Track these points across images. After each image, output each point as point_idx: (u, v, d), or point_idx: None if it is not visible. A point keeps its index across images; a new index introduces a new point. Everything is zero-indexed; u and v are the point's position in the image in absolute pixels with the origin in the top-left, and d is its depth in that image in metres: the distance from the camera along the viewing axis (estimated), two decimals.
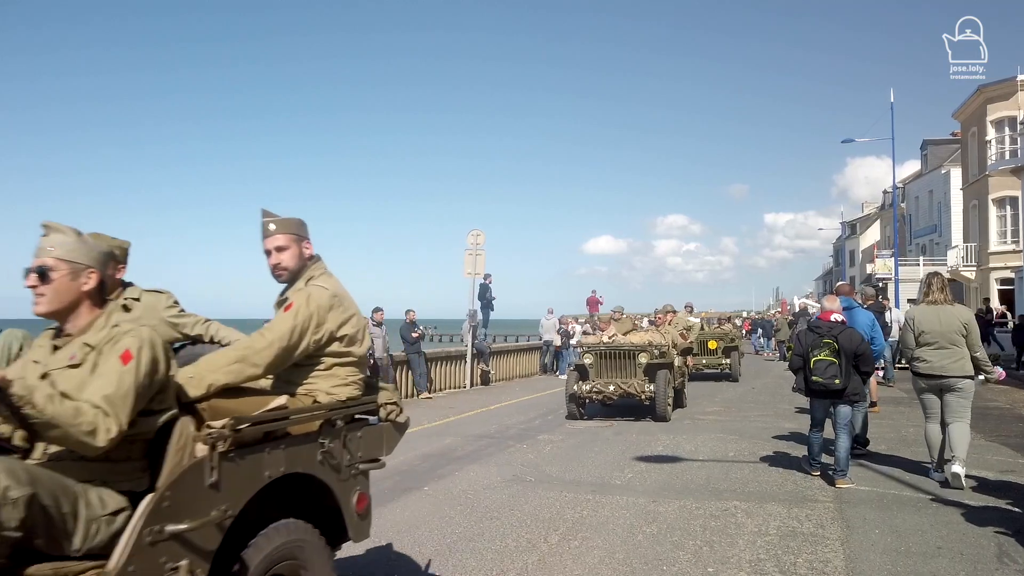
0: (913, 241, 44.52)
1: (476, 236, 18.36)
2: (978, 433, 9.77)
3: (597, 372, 11.46)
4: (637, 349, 11.40)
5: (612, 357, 11.47)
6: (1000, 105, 30.42)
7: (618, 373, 11.37)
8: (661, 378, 11.08)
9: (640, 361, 11.24)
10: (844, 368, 6.76)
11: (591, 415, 12.00)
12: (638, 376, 11.24)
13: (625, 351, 11.43)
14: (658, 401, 10.98)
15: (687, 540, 5.24)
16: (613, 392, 11.20)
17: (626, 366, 11.37)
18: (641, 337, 11.87)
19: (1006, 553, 4.85)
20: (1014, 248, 29.51)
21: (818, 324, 7.11)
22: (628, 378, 11.26)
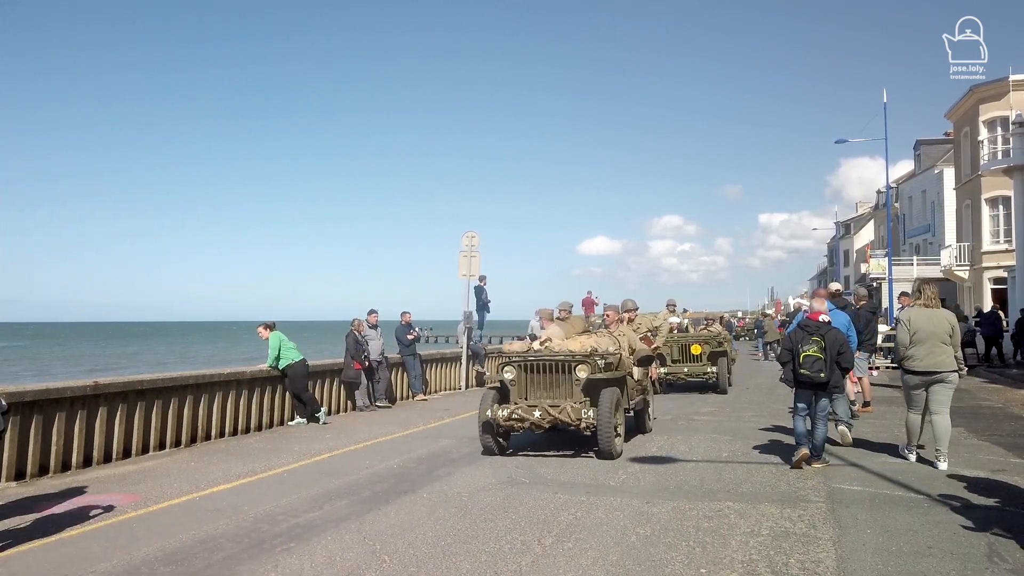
0: (907, 241, 44.66)
1: (471, 238, 18.38)
2: (970, 432, 9.85)
3: (521, 391, 8.68)
4: (573, 360, 8.52)
5: (540, 371, 8.66)
6: (992, 105, 30.53)
7: (549, 392, 8.62)
8: (606, 399, 8.25)
9: (578, 376, 8.43)
10: (829, 363, 7.59)
11: (519, 447, 9.21)
12: (575, 396, 8.46)
13: (557, 363, 8.59)
14: (601, 431, 8.14)
15: (680, 541, 5.26)
16: (540, 419, 8.40)
17: (560, 383, 8.58)
18: (582, 343, 8.94)
19: (996, 552, 4.88)
20: (1007, 248, 29.60)
21: (807, 323, 7.85)
22: (562, 399, 8.51)
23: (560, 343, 8.95)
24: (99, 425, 8.88)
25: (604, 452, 8.24)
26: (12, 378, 34.98)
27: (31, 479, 7.93)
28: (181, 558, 5.14)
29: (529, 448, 9.17)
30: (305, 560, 5.02)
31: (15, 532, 5.89)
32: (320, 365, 13.62)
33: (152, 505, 6.75)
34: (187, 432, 10.22)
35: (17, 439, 7.86)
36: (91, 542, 5.61)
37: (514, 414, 8.50)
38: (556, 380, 8.63)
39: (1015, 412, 12.01)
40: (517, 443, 9.36)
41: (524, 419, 8.45)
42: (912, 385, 7.73)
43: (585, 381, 8.46)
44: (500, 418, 8.51)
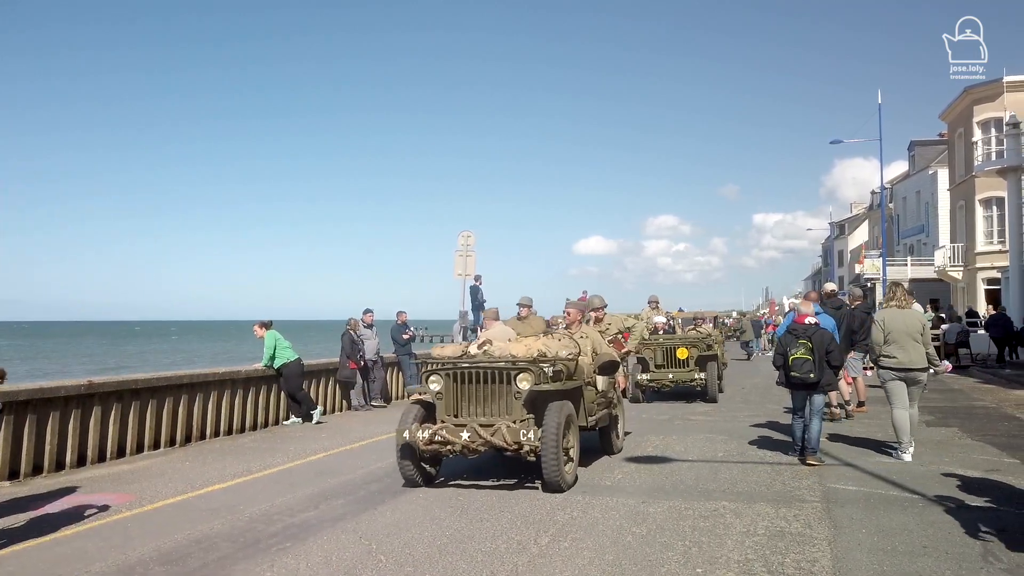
0: (901, 241, 44.83)
1: (467, 237, 18.41)
2: (964, 432, 9.89)
3: (449, 406, 7.00)
4: (513, 368, 6.90)
5: (473, 381, 6.96)
6: (986, 106, 30.69)
7: (484, 408, 6.96)
8: (554, 417, 6.66)
9: (518, 387, 6.80)
10: (818, 363, 7.85)
11: (455, 472, 7.66)
12: (514, 412, 6.82)
13: (494, 371, 6.92)
14: (546, 457, 6.54)
15: (676, 541, 5.27)
16: (469, 442, 6.72)
17: (498, 396, 6.91)
18: (528, 346, 7.25)
19: (991, 552, 4.90)
20: (1000, 248, 29.73)
21: (795, 327, 8.12)
22: (498, 415, 6.86)
23: (502, 346, 7.33)
24: (93, 424, 8.85)
25: (550, 483, 6.63)
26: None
27: (25, 479, 7.90)
28: (176, 558, 5.13)
29: (466, 474, 7.61)
30: (301, 560, 5.01)
31: (9, 532, 5.87)
32: (316, 364, 13.60)
33: (147, 505, 6.73)
34: (182, 431, 10.20)
35: (11, 438, 7.83)
36: (86, 542, 5.59)
37: (436, 436, 6.73)
38: (493, 392, 6.89)
39: (1009, 412, 12.06)
40: (454, 469, 7.79)
41: (449, 442, 6.73)
42: (889, 379, 8.16)
43: (528, 394, 6.76)
44: (419, 441, 6.78)
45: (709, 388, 13.73)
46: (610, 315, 10.04)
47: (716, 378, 13.95)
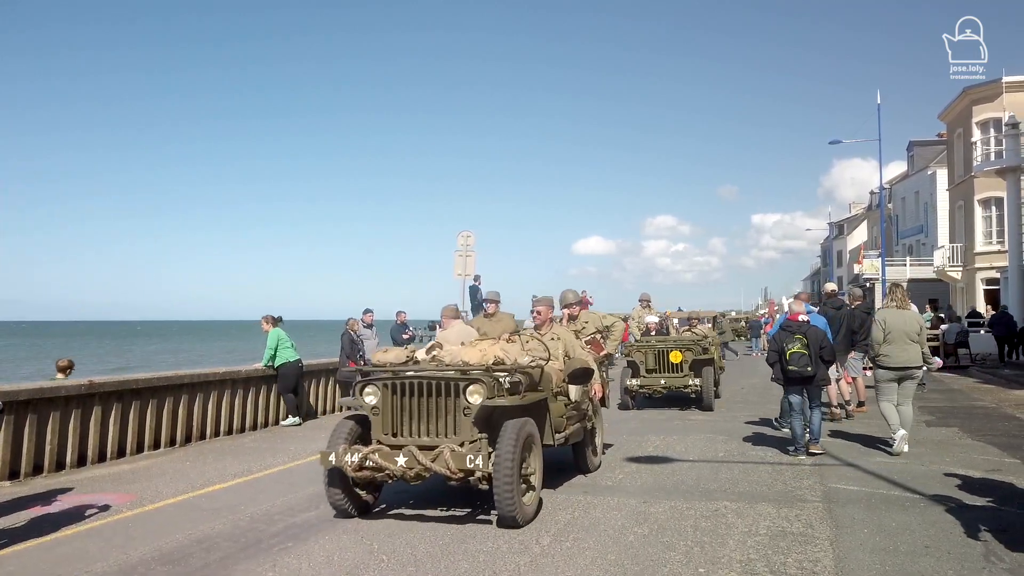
0: (900, 241, 44.85)
1: (466, 237, 18.41)
2: (965, 432, 9.89)
3: (387, 423, 5.87)
4: (462, 378, 5.80)
5: (416, 393, 5.84)
6: (985, 107, 30.69)
7: (427, 425, 5.85)
8: (510, 437, 5.55)
9: (468, 401, 5.70)
10: (813, 358, 8.18)
11: (395, 501, 6.52)
12: (463, 431, 5.72)
13: (440, 382, 5.81)
14: (499, 486, 5.40)
15: (678, 540, 5.27)
16: (407, 468, 5.59)
17: (445, 412, 5.80)
18: (483, 351, 6.11)
19: (992, 552, 4.90)
20: (999, 248, 29.74)
21: (789, 324, 8.50)
22: (444, 435, 5.77)
23: (455, 351, 6.21)
24: (94, 424, 8.84)
25: (504, 518, 5.54)
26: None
27: (25, 478, 7.89)
28: (178, 558, 5.12)
29: (412, 501, 6.50)
30: (303, 560, 5.01)
31: (10, 532, 5.86)
32: (316, 365, 13.61)
33: (148, 505, 6.73)
34: (182, 431, 10.19)
35: (11, 438, 7.82)
36: (87, 542, 5.59)
37: (368, 461, 5.63)
38: (439, 407, 5.78)
39: (1009, 412, 12.06)
40: (396, 496, 6.59)
41: (382, 468, 5.64)
42: (886, 379, 8.47)
43: (479, 409, 5.65)
44: (348, 466, 5.65)
45: (704, 395, 12.49)
46: (587, 312, 8.77)
47: (712, 384, 12.91)
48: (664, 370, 12.85)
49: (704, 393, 12.48)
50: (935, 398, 14.09)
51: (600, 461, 7.92)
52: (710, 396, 12.59)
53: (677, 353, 12.77)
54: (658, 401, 13.55)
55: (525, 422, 5.83)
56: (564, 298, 8.76)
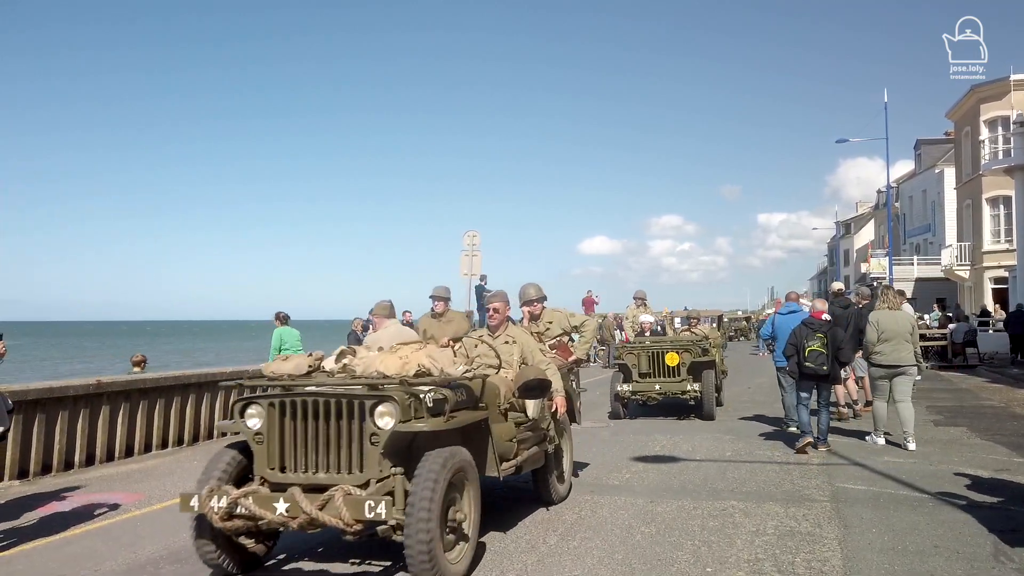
0: (907, 240, 44.66)
1: (472, 237, 18.41)
2: (973, 432, 9.85)
3: (275, 454, 4.58)
4: (368, 395, 4.52)
5: (310, 415, 4.57)
6: (993, 105, 30.53)
7: (325, 457, 4.54)
8: (427, 472, 4.30)
9: (378, 426, 4.42)
10: (830, 357, 8.34)
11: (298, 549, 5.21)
12: (371, 465, 4.43)
13: (341, 401, 4.53)
14: (411, 540, 4.15)
15: (685, 540, 5.26)
16: (289, 516, 4.27)
17: (346, 439, 4.51)
18: (405, 359, 4.83)
19: (1002, 552, 4.88)
20: (1008, 247, 29.60)
21: (811, 321, 8.64)
22: (344, 470, 4.49)
23: (372, 359, 4.87)
24: (102, 424, 8.88)
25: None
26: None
27: (34, 478, 7.93)
28: (185, 556, 5.13)
29: (320, 550, 5.19)
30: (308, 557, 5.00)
31: (19, 531, 5.89)
32: None
33: (156, 504, 6.75)
34: (190, 431, 10.22)
35: (20, 438, 7.86)
36: (95, 541, 5.61)
37: (240, 507, 4.31)
38: (339, 434, 4.48)
39: (1017, 412, 12.01)
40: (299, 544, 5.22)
41: (256, 517, 4.31)
42: (878, 376, 8.84)
43: (390, 436, 4.36)
44: (215, 513, 4.33)
45: (704, 402, 11.22)
46: (551, 310, 7.40)
47: (713, 390, 11.60)
48: (659, 374, 11.59)
49: (704, 400, 11.23)
50: (944, 397, 14.03)
51: (568, 489, 6.57)
52: (711, 403, 11.32)
53: (674, 355, 11.50)
54: (653, 409, 12.33)
55: (453, 452, 4.50)
56: (524, 293, 7.23)
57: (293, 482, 4.44)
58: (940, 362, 21.69)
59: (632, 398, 11.69)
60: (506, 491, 6.63)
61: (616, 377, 11.86)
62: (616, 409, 11.67)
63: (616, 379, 11.80)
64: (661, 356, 11.57)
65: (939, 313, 25.67)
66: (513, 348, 6.08)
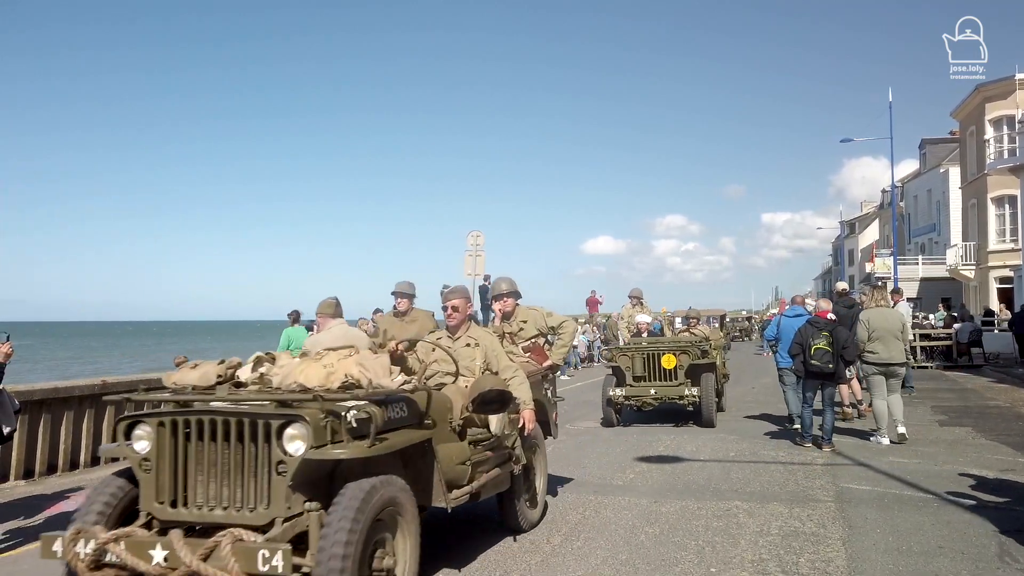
0: (912, 240, 44.55)
1: (476, 237, 18.42)
2: (978, 432, 9.83)
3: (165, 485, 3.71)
4: (277, 413, 3.65)
5: (207, 437, 3.69)
6: (998, 104, 30.43)
7: (225, 490, 3.68)
8: (343, 511, 3.46)
9: (286, 451, 3.56)
10: (835, 356, 8.43)
11: None
12: (278, 501, 3.56)
13: (244, 421, 3.65)
14: None
15: (689, 540, 5.26)
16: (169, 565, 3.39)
17: (249, 467, 3.64)
18: (327, 369, 3.94)
19: (1007, 552, 4.87)
20: (1013, 247, 29.52)
21: (817, 320, 8.77)
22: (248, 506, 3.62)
23: (290, 367, 4.02)
24: (107, 424, 8.89)
25: None
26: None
27: (39, 478, 7.95)
28: None
29: None
30: None
31: (25, 530, 5.91)
32: None
33: None
34: None
35: (26, 438, 7.88)
36: None
37: (110, 554, 3.50)
38: (241, 461, 3.66)
39: (1023, 412, 11.97)
40: None
41: (126, 567, 3.50)
42: (873, 373, 9.02)
43: (300, 464, 3.56)
44: (80, 561, 3.52)
45: (703, 407, 10.49)
46: (526, 308, 6.61)
47: (713, 394, 10.78)
48: (654, 377, 10.77)
49: (703, 405, 10.49)
50: (948, 397, 14.00)
51: (542, 514, 5.82)
52: (710, 409, 10.55)
53: (670, 357, 10.67)
54: (648, 415, 11.51)
55: (382, 482, 3.69)
56: (495, 288, 6.60)
57: (185, 520, 3.65)
58: (945, 362, 21.64)
59: (625, 403, 10.93)
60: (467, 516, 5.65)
61: (608, 381, 11.09)
62: (608, 415, 10.89)
63: (608, 383, 11.02)
64: (657, 358, 10.80)
65: (944, 313, 25.61)
66: (475, 352, 5.27)
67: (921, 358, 22.02)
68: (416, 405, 4.28)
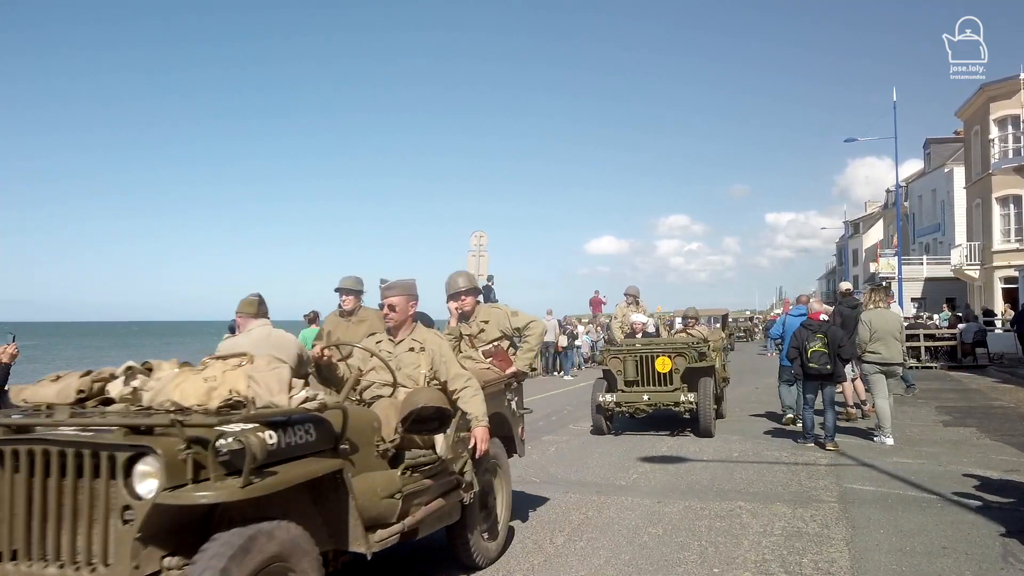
0: (916, 240, 44.46)
1: (479, 237, 18.43)
2: (983, 432, 9.81)
3: None
4: (123, 444, 2.80)
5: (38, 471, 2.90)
6: (1003, 103, 30.34)
7: (59, 540, 2.87)
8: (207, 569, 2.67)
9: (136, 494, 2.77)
10: (832, 357, 8.54)
11: None
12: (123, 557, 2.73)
13: (83, 451, 2.86)
14: None
15: (692, 541, 5.26)
16: None
17: (88, 512, 2.84)
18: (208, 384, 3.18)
19: (1011, 553, 4.86)
20: (1017, 247, 29.45)
21: (810, 322, 8.90)
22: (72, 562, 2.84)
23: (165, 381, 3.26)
24: None
25: None
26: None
27: None
28: None
29: None
30: None
31: None
32: None
33: None
34: None
35: None
36: None
37: None
38: (78, 504, 2.88)
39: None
40: None
41: None
42: (874, 372, 9.03)
43: (149, 510, 2.72)
44: None
45: (701, 415, 9.57)
46: (488, 307, 5.87)
47: (711, 400, 9.79)
48: (648, 382, 9.89)
49: (700, 412, 9.57)
50: (953, 398, 13.97)
51: (502, 546, 5.02)
52: (708, 416, 9.60)
53: (665, 360, 9.78)
54: (642, 422, 10.70)
55: (260, 533, 2.89)
56: (451, 284, 5.68)
57: None
58: (950, 362, 21.59)
59: (616, 410, 10.02)
60: None
61: (598, 385, 10.24)
62: (598, 423, 10.07)
63: (598, 388, 10.17)
64: (650, 360, 9.88)
65: (948, 313, 25.54)
66: (419, 358, 4.44)
67: (925, 358, 22.00)
68: (328, 426, 3.43)
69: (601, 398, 10.00)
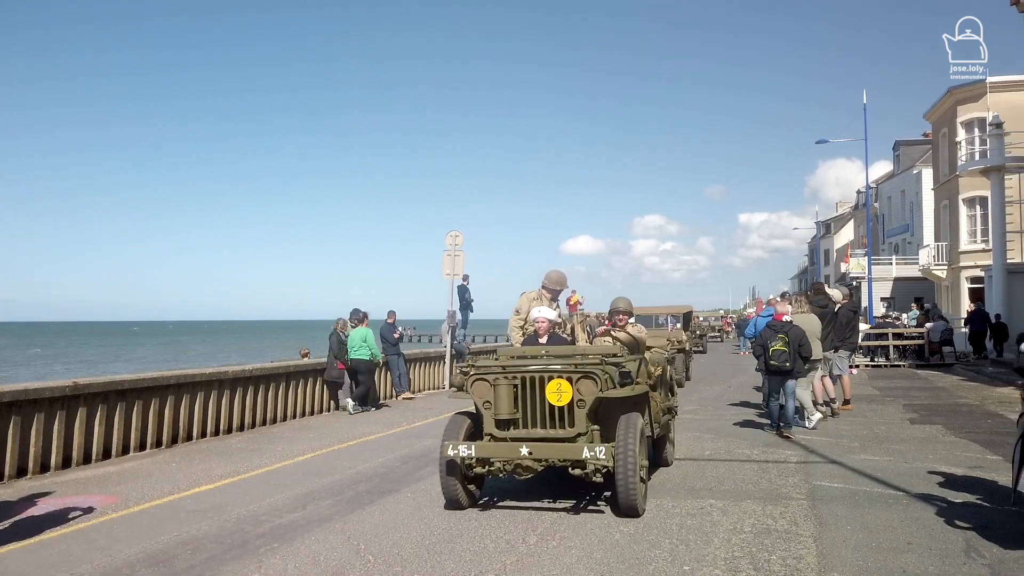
0: (886, 240, 45.14)
1: (455, 237, 18.36)
2: (948, 430, 9.99)
3: None
4: None
5: None
6: (970, 107, 30.92)
7: None
8: None
9: None
10: (792, 355, 9.36)
11: None
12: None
13: None
14: None
15: (663, 539, 5.29)
16: None
17: None
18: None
19: (973, 548, 4.96)
20: (984, 247, 30.00)
21: (774, 323, 9.64)
22: None
23: None
24: (79, 426, 8.78)
25: None
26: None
27: (9, 480, 7.83)
28: (163, 559, 5.10)
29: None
30: (289, 560, 5.00)
31: None
32: (303, 365, 13.59)
33: (133, 506, 6.69)
34: (168, 432, 10.13)
35: None
36: (71, 544, 5.55)
37: None
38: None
39: (992, 410, 12.18)
40: None
41: None
42: None
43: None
44: None
45: (620, 480, 5.65)
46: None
47: (639, 455, 5.76)
48: (533, 422, 6.02)
49: (619, 475, 5.65)
50: (920, 396, 14.21)
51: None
52: (632, 484, 5.65)
53: (561, 385, 5.86)
54: (521, 488, 6.76)
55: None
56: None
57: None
58: (917, 360, 21.97)
59: (481, 471, 6.09)
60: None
61: (452, 428, 6.32)
62: (451, 492, 6.15)
63: (451, 432, 6.24)
64: (537, 385, 5.99)
65: (917, 312, 25.98)
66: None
67: (894, 356, 22.37)
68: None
69: (451, 451, 5.98)
